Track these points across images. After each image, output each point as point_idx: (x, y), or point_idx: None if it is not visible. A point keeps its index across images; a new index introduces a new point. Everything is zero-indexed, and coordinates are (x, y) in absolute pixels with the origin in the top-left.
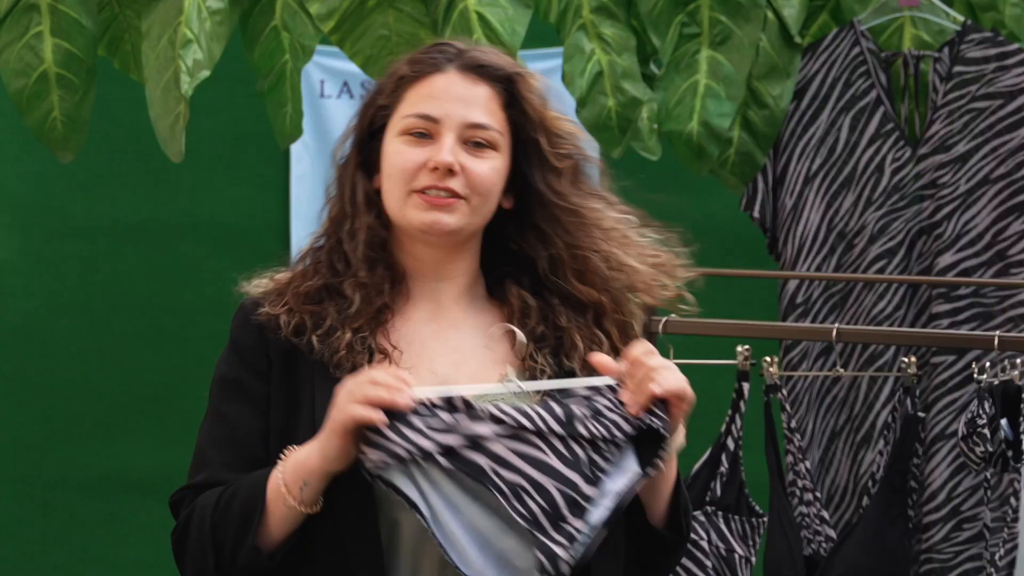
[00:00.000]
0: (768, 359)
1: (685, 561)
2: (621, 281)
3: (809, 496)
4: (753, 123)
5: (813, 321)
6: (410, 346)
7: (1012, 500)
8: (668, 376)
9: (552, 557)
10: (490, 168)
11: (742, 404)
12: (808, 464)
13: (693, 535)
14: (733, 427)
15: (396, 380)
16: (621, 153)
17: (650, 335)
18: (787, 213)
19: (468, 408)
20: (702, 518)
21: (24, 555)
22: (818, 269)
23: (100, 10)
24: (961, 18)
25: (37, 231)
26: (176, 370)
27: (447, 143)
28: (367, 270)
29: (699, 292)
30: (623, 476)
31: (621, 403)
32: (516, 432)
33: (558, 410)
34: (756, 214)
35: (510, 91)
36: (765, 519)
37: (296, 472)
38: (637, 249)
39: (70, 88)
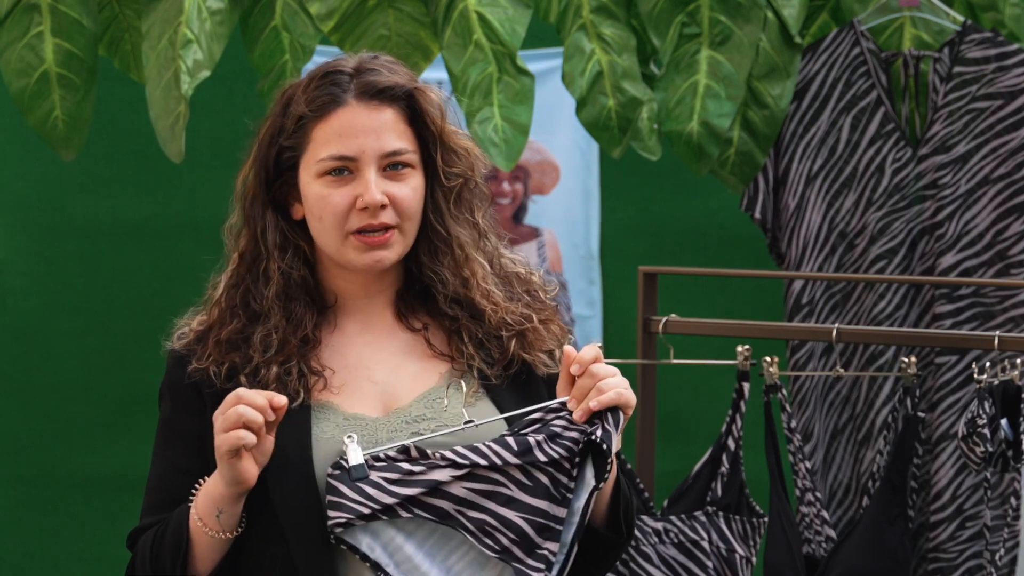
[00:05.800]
0: (768, 359)
1: (686, 561)
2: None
3: (809, 496)
4: (753, 123)
5: (816, 321)
6: (345, 359)
7: (1012, 499)
8: (609, 387)
9: None
10: (412, 189)
11: (742, 404)
12: (808, 464)
13: (694, 535)
14: (733, 427)
15: (262, 399)
16: (621, 153)
17: (650, 335)
18: (790, 214)
19: (423, 456)
20: (703, 518)
21: (24, 555)
22: (820, 269)
23: (100, 10)
24: (961, 18)
25: (37, 231)
26: None
27: (370, 179)
28: (282, 312)
29: (699, 292)
30: (585, 491)
31: (571, 416)
32: (472, 472)
33: (512, 442)
34: (758, 215)
35: (412, 106)
36: (765, 519)
37: (206, 503)
38: (486, 287)
39: (71, 88)
